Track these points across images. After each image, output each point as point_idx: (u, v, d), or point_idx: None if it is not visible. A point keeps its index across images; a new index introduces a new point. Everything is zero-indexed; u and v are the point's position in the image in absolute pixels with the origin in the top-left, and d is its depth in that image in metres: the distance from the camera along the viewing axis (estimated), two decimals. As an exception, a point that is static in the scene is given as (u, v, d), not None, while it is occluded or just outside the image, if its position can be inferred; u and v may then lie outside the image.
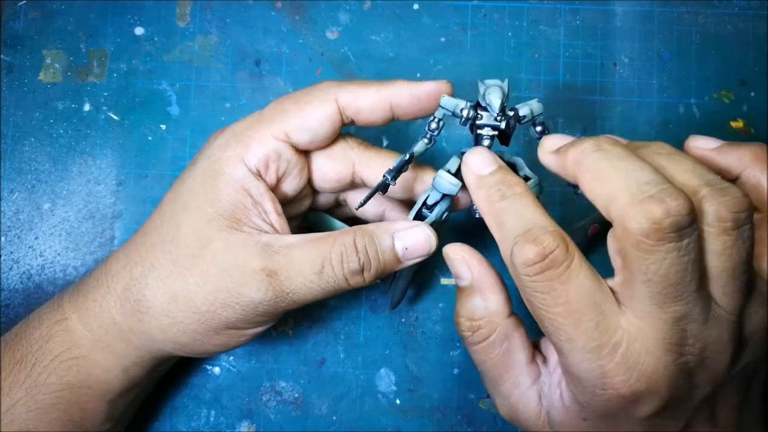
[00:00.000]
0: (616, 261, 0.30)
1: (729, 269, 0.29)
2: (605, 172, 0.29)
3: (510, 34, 0.46)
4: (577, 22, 0.46)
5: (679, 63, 0.46)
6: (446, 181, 0.35)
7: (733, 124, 0.46)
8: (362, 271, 0.34)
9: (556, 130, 0.46)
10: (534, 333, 0.35)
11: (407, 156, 0.35)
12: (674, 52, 0.46)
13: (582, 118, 0.46)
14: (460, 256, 0.35)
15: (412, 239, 0.35)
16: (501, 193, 0.32)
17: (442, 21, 0.47)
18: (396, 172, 0.35)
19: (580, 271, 0.29)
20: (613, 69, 0.46)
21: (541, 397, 0.34)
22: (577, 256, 0.29)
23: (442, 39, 0.47)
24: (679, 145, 0.46)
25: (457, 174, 0.35)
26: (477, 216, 0.36)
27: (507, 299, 0.34)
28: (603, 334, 0.29)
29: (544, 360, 0.35)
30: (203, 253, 0.34)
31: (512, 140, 0.37)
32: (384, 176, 0.35)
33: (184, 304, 0.34)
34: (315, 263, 0.34)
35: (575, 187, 0.35)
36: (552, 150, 0.33)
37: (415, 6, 0.47)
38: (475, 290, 0.34)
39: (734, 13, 0.46)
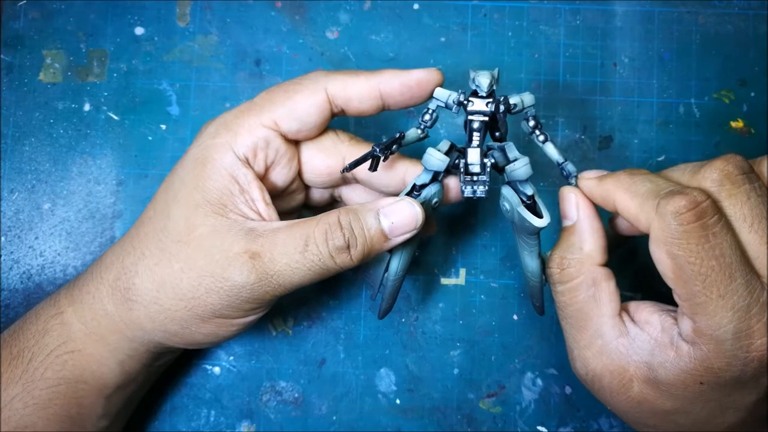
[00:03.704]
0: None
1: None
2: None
3: (510, 34, 0.46)
4: (577, 22, 0.46)
5: (679, 63, 0.46)
6: (435, 158, 0.35)
7: (733, 124, 0.46)
8: (348, 248, 0.34)
9: (556, 130, 0.46)
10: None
11: (398, 135, 0.35)
12: (674, 52, 0.46)
13: (582, 118, 0.46)
14: (572, 196, 0.35)
15: (398, 214, 0.34)
16: (628, 173, 0.33)
17: (442, 21, 0.47)
18: (385, 147, 0.34)
19: (730, 227, 0.30)
20: (613, 69, 0.46)
21: (628, 353, 0.33)
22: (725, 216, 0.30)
23: (442, 39, 0.47)
24: (680, 144, 0.46)
25: (447, 154, 0.35)
26: (465, 196, 0.36)
27: (604, 248, 0.35)
28: (752, 292, 0.29)
29: (633, 322, 0.34)
30: (189, 240, 0.34)
31: (512, 140, 0.37)
32: (372, 148, 0.34)
33: (171, 291, 0.34)
34: (299, 242, 0.33)
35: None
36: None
37: (415, 6, 0.47)
38: (576, 231, 0.35)
39: (734, 13, 0.46)
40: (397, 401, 0.44)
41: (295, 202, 0.40)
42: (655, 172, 0.34)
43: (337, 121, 0.45)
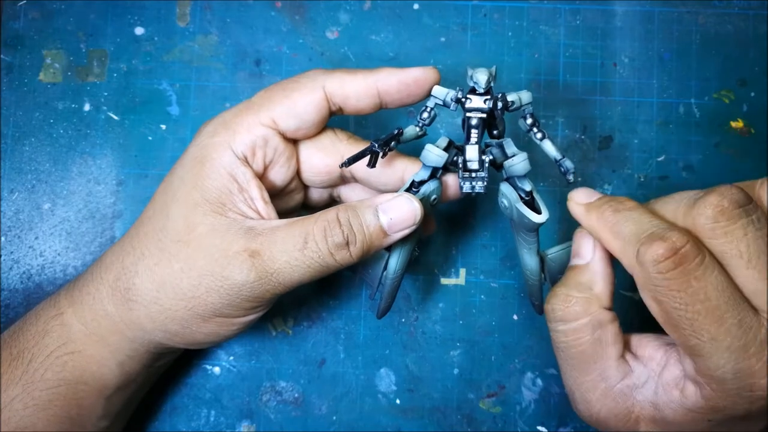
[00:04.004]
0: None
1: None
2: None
3: (510, 34, 0.46)
4: (577, 22, 0.46)
5: (679, 63, 0.46)
6: (433, 154, 0.35)
7: (733, 124, 0.46)
8: (347, 244, 0.33)
9: (556, 130, 0.46)
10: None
11: (396, 131, 0.35)
12: (674, 52, 0.46)
13: (582, 118, 0.46)
14: (590, 237, 0.34)
15: (397, 210, 0.34)
16: (613, 209, 0.32)
17: (442, 21, 0.47)
18: (383, 143, 0.34)
19: (714, 267, 0.29)
20: (613, 69, 0.46)
21: (633, 394, 0.33)
22: (708, 254, 0.29)
23: (442, 39, 0.47)
24: (680, 144, 0.46)
25: (445, 151, 0.35)
26: (464, 191, 0.36)
27: (612, 294, 0.34)
28: (747, 332, 0.28)
29: (636, 358, 0.34)
30: (189, 239, 0.34)
31: (512, 141, 0.37)
32: (371, 143, 0.34)
33: (171, 290, 0.34)
34: (298, 240, 0.33)
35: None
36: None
37: (415, 6, 0.47)
38: (587, 271, 0.34)
39: (734, 13, 0.46)
40: (397, 401, 0.44)
41: (294, 201, 0.40)
42: (647, 204, 0.33)
43: (337, 120, 0.45)
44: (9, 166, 0.46)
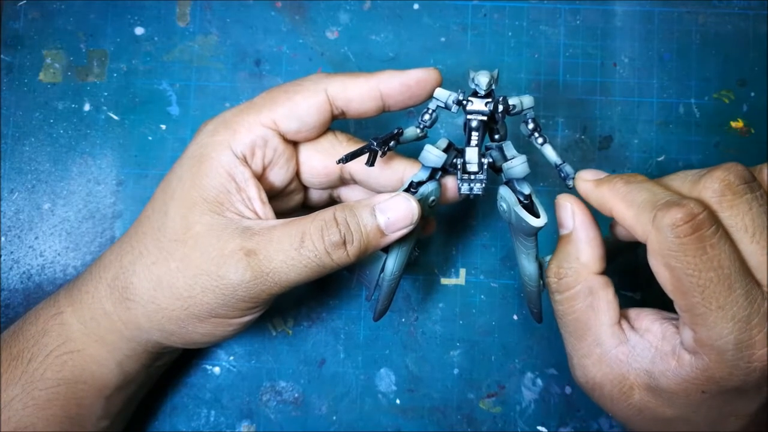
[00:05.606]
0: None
1: None
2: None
3: (510, 34, 0.46)
4: (577, 22, 0.46)
5: (679, 63, 0.46)
6: (432, 155, 0.35)
7: (733, 124, 0.46)
8: (344, 243, 0.33)
9: (556, 130, 0.46)
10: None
11: (396, 130, 0.35)
12: (674, 52, 0.46)
13: (582, 118, 0.46)
14: (568, 204, 0.35)
15: (394, 209, 0.34)
16: (625, 181, 0.33)
17: (442, 21, 0.47)
18: (383, 142, 0.34)
19: (727, 237, 0.30)
20: (613, 69, 0.46)
21: (628, 361, 0.33)
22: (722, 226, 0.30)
23: (442, 39, 0.47)
24: (680, 144, 0.46)
25: (445, 152, 0.35)
26: (462, 193, 0.36)
27: (601, 257, 0.35)
28: (752, 303, 0.29)
29: (633, 329, 0.34)
30: (185, 238, 0.34)
31: (512, 143, 0.37)
32: (369, 141, 0.34)
33: (168, 289, 0.34)
34: (294, 239, 0.33)
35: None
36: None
37: (415, 6, 0.47)
38: (572, 240, 0.35)
39: (734, 13, 0.46)
40: (397, 401, 0.44)
41: (293, 202, 0.40)
42: (654, 180, 0.33)
43: (337, 121, 0.45)
44: (9, 166, 0.46)
